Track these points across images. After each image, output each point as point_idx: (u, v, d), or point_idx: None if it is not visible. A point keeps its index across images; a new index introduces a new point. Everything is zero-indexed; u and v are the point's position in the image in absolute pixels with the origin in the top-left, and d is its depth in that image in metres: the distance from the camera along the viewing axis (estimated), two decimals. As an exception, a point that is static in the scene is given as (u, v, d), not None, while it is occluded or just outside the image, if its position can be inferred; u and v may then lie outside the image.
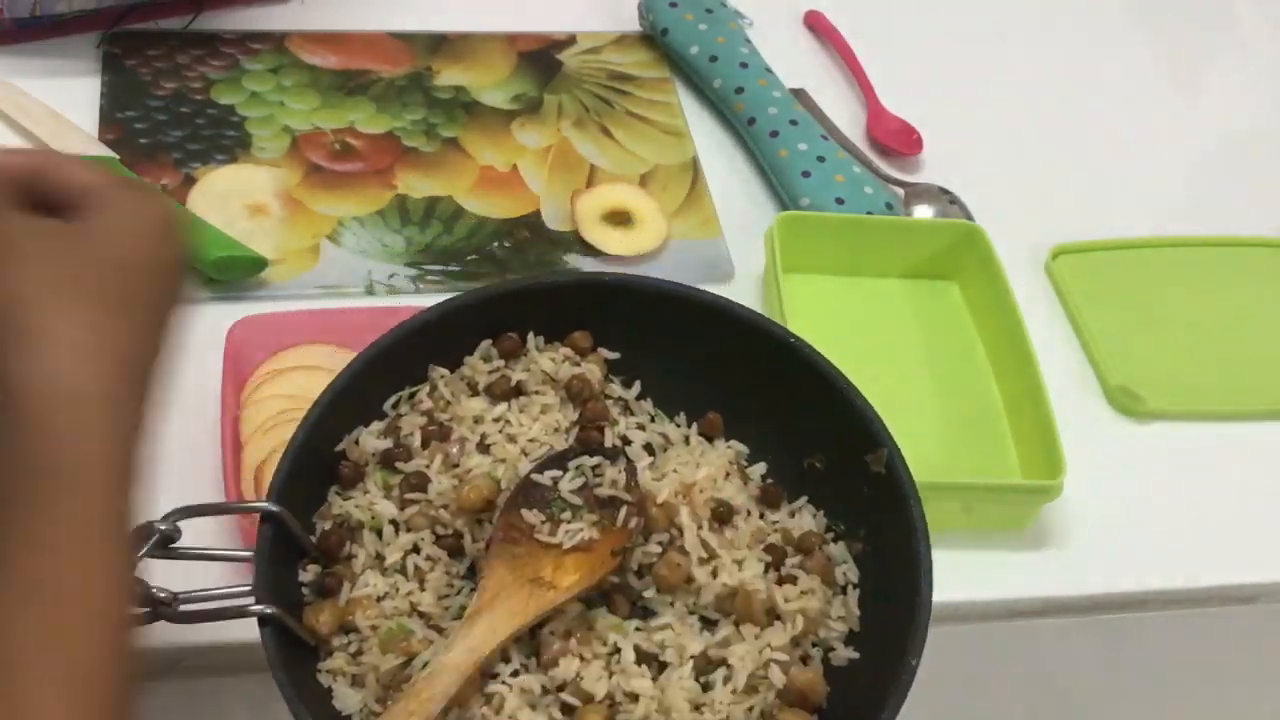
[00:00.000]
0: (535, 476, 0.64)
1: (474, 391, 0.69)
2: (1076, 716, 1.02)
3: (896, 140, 1.09)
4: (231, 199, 0.95)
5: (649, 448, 0.69)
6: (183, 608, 0.57)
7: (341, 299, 0.90)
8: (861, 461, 0.66)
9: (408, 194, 0.98)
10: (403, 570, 0.63)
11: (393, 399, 0.68)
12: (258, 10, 1.09)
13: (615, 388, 0.71)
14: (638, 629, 0.62)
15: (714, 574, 0.63)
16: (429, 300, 0.71)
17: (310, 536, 0.64)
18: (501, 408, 0.68)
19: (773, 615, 0.63)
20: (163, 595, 0.57)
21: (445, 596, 0.63)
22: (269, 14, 1.09)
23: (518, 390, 0.69)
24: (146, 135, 0.98)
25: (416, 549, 0.64)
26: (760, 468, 0.70)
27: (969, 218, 1.04)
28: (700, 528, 0.65)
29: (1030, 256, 1.03)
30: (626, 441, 0.68)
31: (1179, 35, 1.29)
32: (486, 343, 0.70)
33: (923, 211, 1.04)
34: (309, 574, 0.62)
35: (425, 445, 0.66)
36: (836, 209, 0.99)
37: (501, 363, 0.70)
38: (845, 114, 1.11)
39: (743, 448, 0.70)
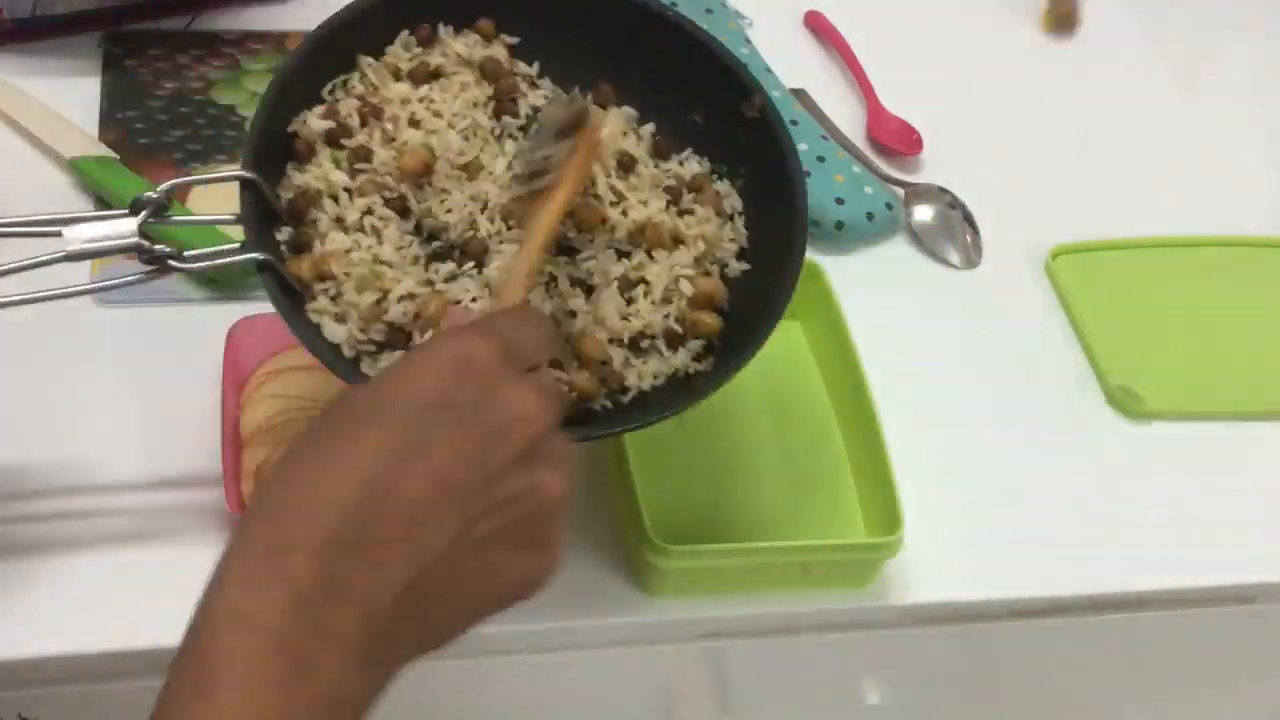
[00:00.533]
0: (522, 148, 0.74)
1: (398, 77, 0.77)
2: (1077, 716, 1.02)
3: (896, 140, 1.09)
4: (232, 199, 0.94)
5: None
6: (188, 263, 0.68)
7: (341, 299, 0.90)
8: (736, 111, 0.78)
9: (408, 194, 0.98)
10: (361, 229, 0.72)
11: (328, 86, 0.76)
12: (258, 10, 1.09)
13: (521, 66, 0.80)
14: (566, 263, 0.74)
15: (624, 213, 0.75)
16: (430, 300, 0.71)
17: (280, 204, 0.72)
18: (424, 89, 0.77)
19: (677, 241, 0.76)
20: (169, 250, 0.67)
21: (401, 248, 0.72)
22: (269, 14, 1.09)
23: (436, 73, 0.78)
24: (147, 135, 0.98)
25: (370, 211, 0.73)
26: (650, 127, 0.79)
27: (969, 218, 1.04)
28: (609, 176, 0.76)
29: (1030, 256, 1.03)
30: (537, 109, 0.77)
31: (1179, 34, 1.29)
32: (404, 33, 0.78)
33: (923, 211, 1.04)
34: (284, 234, 0.71)
35: (364, 124, 0.75)
36: (837, 209, 0.99)
37: (419, 50, 0.78)
38: (845, 114, 1.11)
39: (632, 111, 0.80)
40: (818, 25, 1.18)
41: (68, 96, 0.99)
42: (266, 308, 0.85)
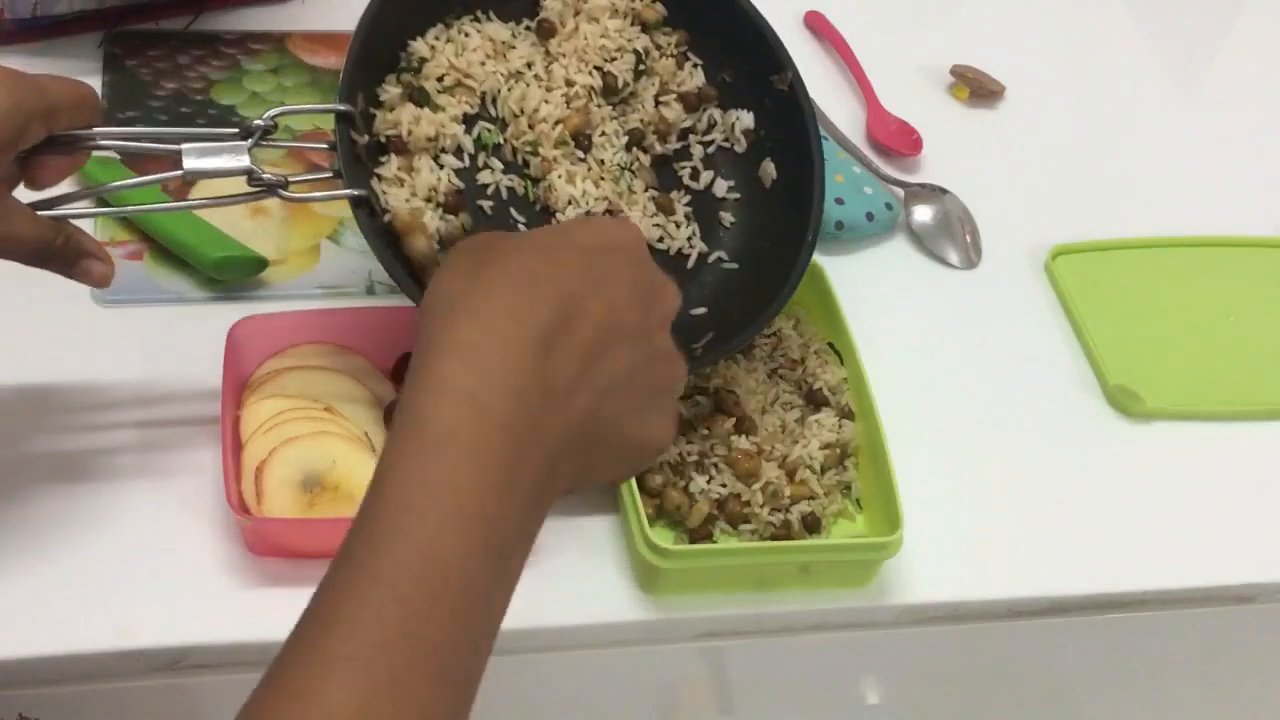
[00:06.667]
0: None
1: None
2: (1076, 716, 1.02)
3: (896, 140, 1.09)
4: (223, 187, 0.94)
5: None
6: (293, 190, 0.73)
7: (342, 299, 0.90)
8: (767, 80, 0.88)
9: (408, 194, 0.98)
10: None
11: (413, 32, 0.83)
12: (258, 10, 1.09)
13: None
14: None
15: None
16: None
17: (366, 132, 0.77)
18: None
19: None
20: (277, 179, 0.72)
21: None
22: (269, 14, 1.09)
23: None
24: (147, 135, 0.98)
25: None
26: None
27: (969, 218, 1.04)
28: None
29: (1030, 256, 1.03)
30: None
31: (1179, 34, 1.29)
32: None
33: (923, 212, 1.04)
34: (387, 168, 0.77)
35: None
36: (837, 209, 0.99)
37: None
38: (845, 114, 1.11)
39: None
40: (817, 25, 1.18)
41: (68, 97, 0.98)
42: (267, 307, 0.86)
